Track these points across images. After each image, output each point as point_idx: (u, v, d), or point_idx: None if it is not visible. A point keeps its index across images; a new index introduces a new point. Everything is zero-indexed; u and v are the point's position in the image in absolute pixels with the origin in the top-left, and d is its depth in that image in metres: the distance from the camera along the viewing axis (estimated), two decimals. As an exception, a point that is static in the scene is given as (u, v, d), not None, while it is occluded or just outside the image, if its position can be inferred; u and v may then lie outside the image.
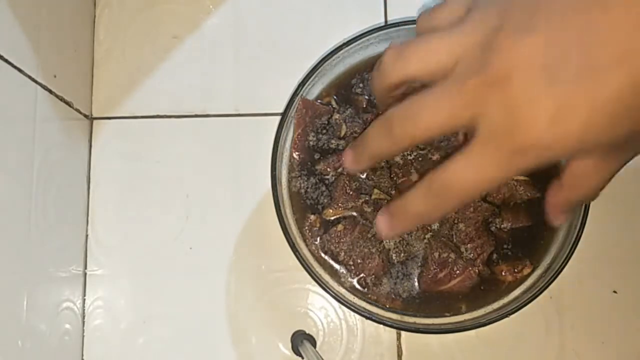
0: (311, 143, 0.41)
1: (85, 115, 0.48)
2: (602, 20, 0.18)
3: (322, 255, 0.40)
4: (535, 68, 0.19)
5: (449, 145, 0.39)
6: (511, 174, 0.21)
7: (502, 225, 0.40)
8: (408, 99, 0.23)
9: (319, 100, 0.42)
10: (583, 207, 0.38)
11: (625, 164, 0.24)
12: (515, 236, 0.40)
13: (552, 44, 0.19)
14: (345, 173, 0.40)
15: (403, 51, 0.24)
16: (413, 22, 0.39)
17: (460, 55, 0.22)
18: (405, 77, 0.24)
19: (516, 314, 0.37)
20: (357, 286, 0.40)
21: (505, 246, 0.40)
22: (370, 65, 0.42)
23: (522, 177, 0.39)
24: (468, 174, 0.22)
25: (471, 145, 0.21)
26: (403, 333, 0.46)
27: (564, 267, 0.37)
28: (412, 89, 0.25)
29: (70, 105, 0.45)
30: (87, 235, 0.48)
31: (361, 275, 0.40)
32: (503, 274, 0.39)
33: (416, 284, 0.40)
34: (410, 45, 0.24)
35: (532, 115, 0.19)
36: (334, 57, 0.40)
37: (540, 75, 0.19)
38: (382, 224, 0.26)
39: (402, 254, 0.40)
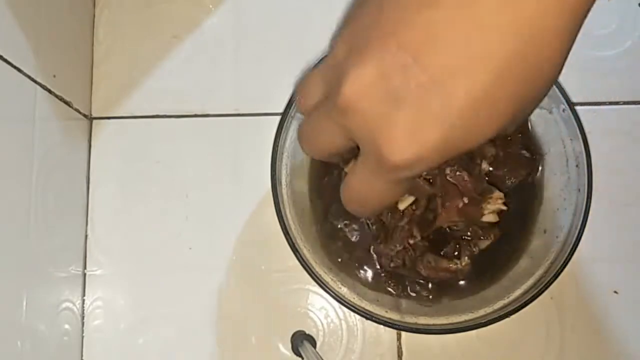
0: None
1: (85, 115, 0.48)
2: (434, 33, 0.19)
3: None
4: (375, 95, 0.20)
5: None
6: (401, 185, 0.23)
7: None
8: (308, 123, 0.25)
9: None
10: (584, 207, 0.38)
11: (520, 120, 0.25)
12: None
13: (388, 68, 0.19)
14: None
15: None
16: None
17: (328, 92, 0.23)
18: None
19: (517, 314, 0.37)
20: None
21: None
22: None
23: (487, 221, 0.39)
24: (360, 186, 0.24)
25: (358, 161, 0.23)
26: (403, 333, 0.46)
27: (565, 267, 0.37)
28: None
29: (69, 105, 0.45)
30: (86, 236, 0.48)
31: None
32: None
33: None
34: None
35: (389, 138, 0.20)
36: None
37: (383, 101, 0.20)
38: None
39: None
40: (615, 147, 0.47)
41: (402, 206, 0.38)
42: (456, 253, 0.39)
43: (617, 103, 0.47)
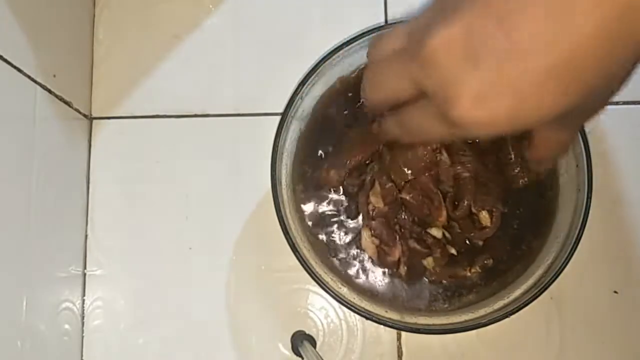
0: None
1: (85, 115, 0.48)
2: (524, 2, 0.19)
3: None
4: (457, 51, 0.21)
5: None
6: (458, 135, 0.24)
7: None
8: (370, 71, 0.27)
9: None
10: (584, 207, 0.38)
11: (581, 126, 0.26)
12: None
13: (474, 29, 0.20)
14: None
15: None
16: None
17: (408, 45, 0.24)
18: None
19: (517, 314, 0.37)
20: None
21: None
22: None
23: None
24: (421, 122, 0.25)
25: (426, 100, 0.24)
26: (403, 333, 0.46)
27: (565, 267, 0.37)
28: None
29: (69, 105, 0.45)
30: (86, 236, 0.48)
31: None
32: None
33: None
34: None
35: (457, 95, 0.21)
36: (334, 57, 0.40)
37: (463, 59, 0.20)
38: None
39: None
40: (615, 147, 0.47)
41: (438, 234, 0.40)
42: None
43: (617, 103, 0.47)
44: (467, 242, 0.40)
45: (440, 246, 0.39)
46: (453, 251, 0.40)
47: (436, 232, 0.40)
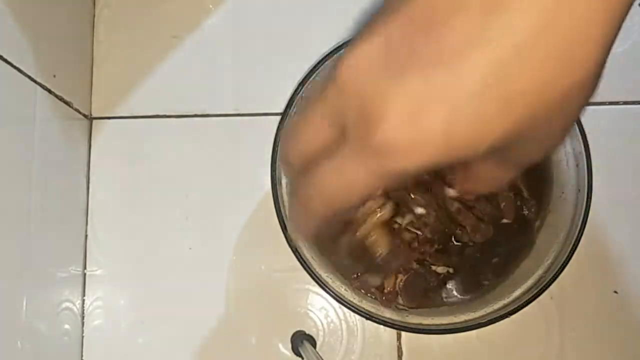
0: None
1: (85, 115, 0.48)
2: (452, 5, 0.16)
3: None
4: (377, 68, 0.18)
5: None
6: (385, 179, 0.19)
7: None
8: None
9: None
10: (584, 207, 0.38)
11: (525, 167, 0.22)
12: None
13: (397, 39, 0.17)
14: None
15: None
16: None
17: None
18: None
19: (517, 314, 0.37)
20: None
21: None
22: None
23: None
24: (333, 175, 0.20)
25: (345, 144, 0.20)
26: (403, 333, 0.46)
27: (565, 267, 0.37)
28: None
29: (69, 105, 0.45)
30: (86, 236, 0.48)
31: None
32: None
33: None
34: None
35: (381, 116, 0.17)
36: (334, 57, 0.40)
37: (386, 74, 0.17)
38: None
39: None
40: (615, 147, 0.47)
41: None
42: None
43: (617, 103, 0.47)
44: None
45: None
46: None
47: (441, 270, 0.40)
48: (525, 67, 0.16)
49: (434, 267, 0.40)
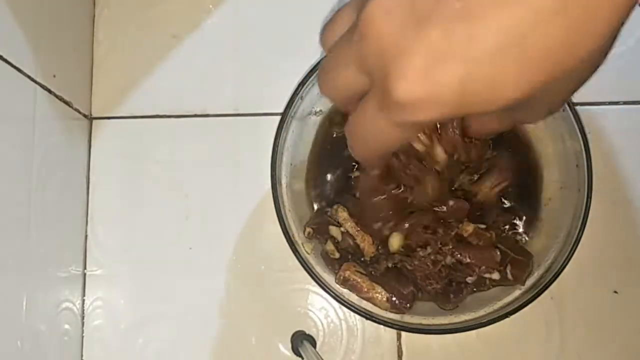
0: None
1: (85, 115, 0.48)
2: None
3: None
4: (399, 17, 0.17)
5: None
6: (404, 132, 0.20)
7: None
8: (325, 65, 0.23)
9: None
10: (584, 207, 0.38)
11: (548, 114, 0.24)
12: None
13: None
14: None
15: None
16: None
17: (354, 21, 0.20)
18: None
19: (517, 314, 0.37)
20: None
21: None
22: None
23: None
24: (363, 124, 0.21)
25: (366, 96, 0.20)
26: (403, 333, 0.46)
27: (565, 267, 0.37)
28: None
29: (69, 105, 0.45)
30: (86, 236, 0.48)
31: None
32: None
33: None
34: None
35: (400, 69, 0.17)
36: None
37: (406, 24, 0.17)
38: None
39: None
40: (615, 147, 0.47)
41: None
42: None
43: (617, 103, 0.47)
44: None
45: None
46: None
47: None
48: (547, 31, 0.16)
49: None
